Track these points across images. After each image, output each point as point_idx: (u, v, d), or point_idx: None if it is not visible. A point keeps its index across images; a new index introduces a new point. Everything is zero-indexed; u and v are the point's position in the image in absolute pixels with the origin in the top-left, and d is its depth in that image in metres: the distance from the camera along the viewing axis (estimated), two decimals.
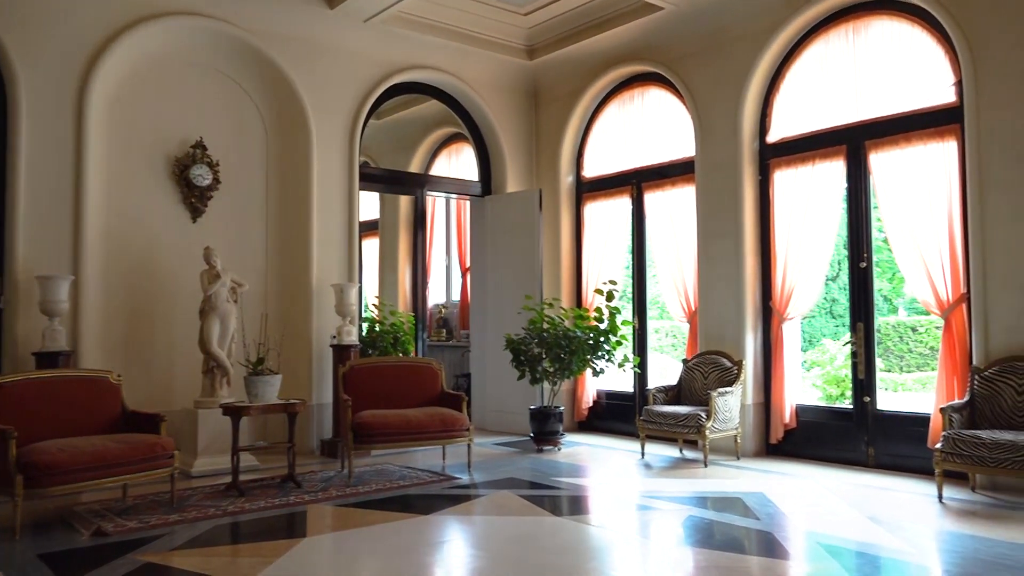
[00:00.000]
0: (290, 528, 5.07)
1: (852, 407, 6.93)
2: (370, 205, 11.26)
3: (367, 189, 8.70)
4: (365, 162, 9.71)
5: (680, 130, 8.20)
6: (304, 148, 7.81)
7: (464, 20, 8.45)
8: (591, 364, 7.85)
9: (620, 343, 7.90)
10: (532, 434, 7.87)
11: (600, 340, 7.80)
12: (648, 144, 8.57)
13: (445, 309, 11.57)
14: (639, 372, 8.48)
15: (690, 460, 7.14)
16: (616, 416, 8.79)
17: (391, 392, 6.96)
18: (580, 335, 7.75)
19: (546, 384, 8.01)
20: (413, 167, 11.16)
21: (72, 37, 6.62)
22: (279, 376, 6.25)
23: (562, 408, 7.96)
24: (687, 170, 8.05)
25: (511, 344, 7.91)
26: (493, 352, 8.91)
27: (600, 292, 8.09)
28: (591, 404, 9.03)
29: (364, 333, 8.98)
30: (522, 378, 7.93)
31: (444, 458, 7.10)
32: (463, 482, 6.30)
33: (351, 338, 7.52)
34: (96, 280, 6.73)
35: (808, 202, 7.16)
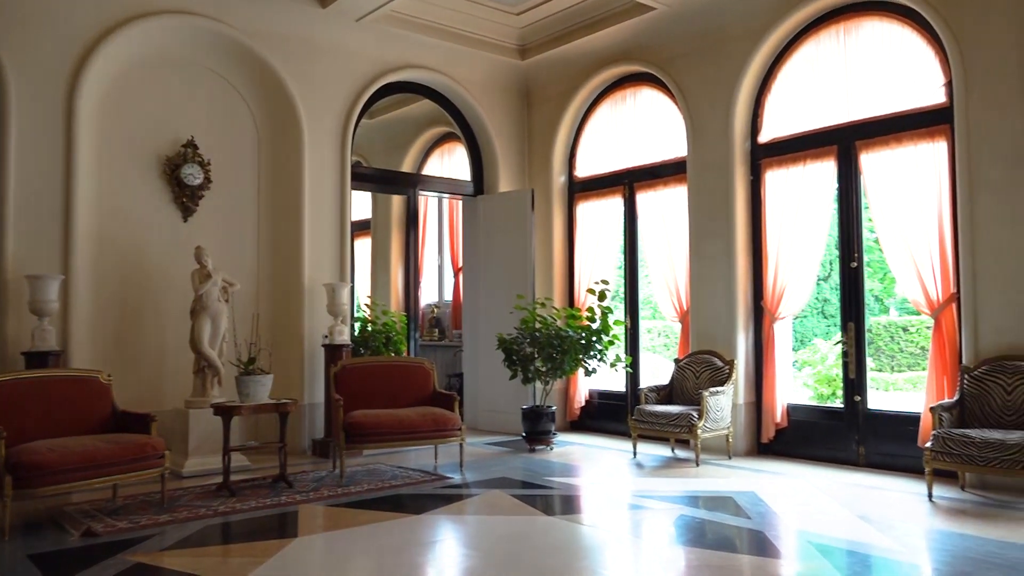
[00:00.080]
0: (281, 528, 5.06)
1: (843, 406, 6.96)
2: (362, 205, 11.25)
3: (359, 188, 8.71)
4: (357, 161, 9.70)
5: (672, 130, 8.22)
6: (296, 147, 7.79)
7: (456, 19, 8.46)
8: (583, 364, 7.86)
9: (612, 343, 7.91)
10: (524, 434, 7.87)
11: (592, 340, 7.81)
12: (640, 144, 8.59)
13: (437, 309, 11.56)
14: (631, 372, 8.49)
15: (682, 459, 7.16)
16: (608, 416, 8.80)
17: (383, 392, 6.94)
18: (572, 335, 7.76)
19: (538, 384, 8.01)
20: (405, 167, 11.15)
21: (62, 36, 6.58)
22: (270, 376, 6.24)
23: (554, 408, 7.97)
24: (679, 170, 8.07)
25: (503, 344, 7.91)
26: (485, 352, 8.91)
27: (592, 292, 8.09)
28: (583, 404, 9.03)
29: (356, 333, 8.97)
30: (514, 378, 7.94)
31: (436, 458, 7.09)
32: (455, 482, 6.30)
33: (343, 338, 7.51)
34: (86, 279, 6.70)
35: (799, 202, 7.19)
